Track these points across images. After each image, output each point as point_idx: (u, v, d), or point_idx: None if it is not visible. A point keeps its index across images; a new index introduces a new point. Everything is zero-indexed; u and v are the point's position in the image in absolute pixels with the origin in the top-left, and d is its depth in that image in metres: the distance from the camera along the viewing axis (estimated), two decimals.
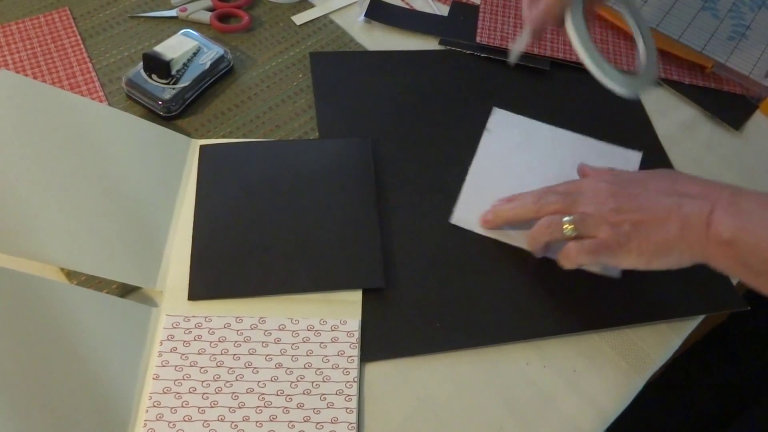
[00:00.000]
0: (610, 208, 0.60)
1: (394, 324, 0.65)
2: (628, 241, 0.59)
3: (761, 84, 0.88)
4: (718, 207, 0.56)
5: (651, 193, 0.60)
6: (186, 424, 0.57)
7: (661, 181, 0.61)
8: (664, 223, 0.58)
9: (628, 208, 0.60)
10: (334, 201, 0.71)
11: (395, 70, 0.86)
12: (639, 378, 0.65)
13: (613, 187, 0.62)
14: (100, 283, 0.65)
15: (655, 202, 0.59)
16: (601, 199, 0.61)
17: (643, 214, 0.59)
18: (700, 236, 0.56)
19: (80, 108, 0.72)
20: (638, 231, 0.59)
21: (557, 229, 0.63)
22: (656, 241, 0.58)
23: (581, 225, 0.62)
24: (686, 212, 0.57)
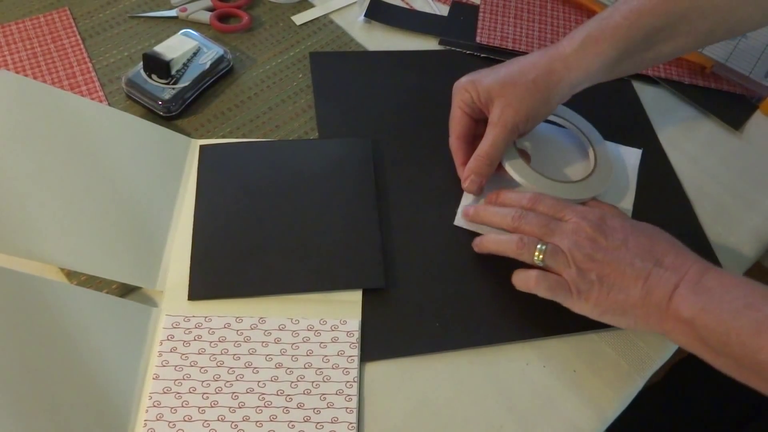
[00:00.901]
0: (585, 252, 0.60)
1: (394, 324, 0.65)
2: (589, 290, 0.60)
3: (761, 84, 0.88)
4: (683, 283, 0.56)
5: (629, 250, 0.60)
6: (186, 424, 0.57)
7: (643, 239, 0.61)
8: (629, 286, 0.58)
9: (601, 258, 0.60)
10: (334, 201, 0.71)
11: (395, 70, 0.86)
12: (639, 378, 0.64)
13: (595, 232, 0.61)
14: (100, 283, 0.65)
15: (629, 261, 0.59)
16: (579, 240, 0.61)
17: (612, 270, 0.59)
18: (661, 309, 0.57)
19: (80, 108, 0.72)
20: (602, 284, 0.59)
21: (528, 252, 0.63)
22: (616, 300, 0.59)
23: (551, 258, 0.62)
24: (653, 282, 0.58)
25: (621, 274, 0.59)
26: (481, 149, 0.71)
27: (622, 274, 0.59)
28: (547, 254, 0.62)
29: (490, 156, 0.70)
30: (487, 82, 0.70)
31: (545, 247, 0.62)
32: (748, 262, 0.74)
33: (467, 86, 0.72)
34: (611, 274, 0.59)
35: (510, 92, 0.69)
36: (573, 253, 0.61)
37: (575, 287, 0.60)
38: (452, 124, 0.74)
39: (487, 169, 0.71)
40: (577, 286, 0.60)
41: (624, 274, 0.59)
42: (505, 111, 0.69)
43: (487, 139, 0.70)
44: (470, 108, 0.72)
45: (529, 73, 0.69)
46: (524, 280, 0.64)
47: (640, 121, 0.85)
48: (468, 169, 0.71)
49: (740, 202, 0.78)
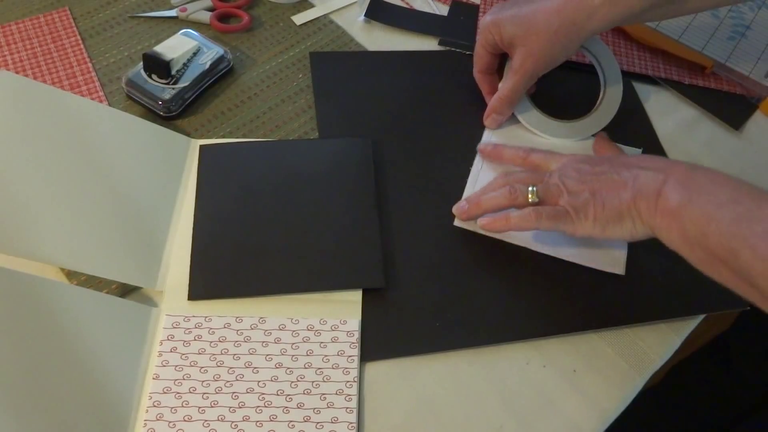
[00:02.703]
0: (573, 177, 0.63)
1: (394, 324, 0.65)
2: (586, 208, 0.62)
3: (761, 84, 0.88)
4: (670, 179, 0.57)
5: (614, 166, 0.62)
6: (186, 424, 0.57)
7: (628, 158, 0.64)
8: (619, 191, 0.60)
9: (590, 179, 0.62)
10: (334, 200, 0.71)
11: (395, 70, 0.86)
12: (639, 378, 0.64)
13: (580, 163, 0.65)
14: (100, 283, 0.65)
15: (616, 172, 0.61)
16: (566, 171, 0.64)
17: (601, 183, 0.61)
18: (650, 205, 0.58)
19: (80, 108, 0.72)
20: (595, 198, 0.61)
21: (521, 195, 0.65)
22: (611, 207, 0.60)
23: (544, 191, 0.65)
24: (641, 182, 0.59)
25: (611, 183, 0.61)
26: (502, 92, 0.77)
27: (612, 183, 0.61)
28: (540, 189, 0.65)
29: (510, 99, 0.77)
30: (510, 29, 0.73)
31: (537, 187, 0.65)
32: None
33: (491, 28, 0.75)
34: (602, 188, 0.61)
35: (532, 41, 0.72)
36: (564, 182, 0.63)
37: (573, 209, 0.62)
38: (476, 60, 0.80)
39: (507, 110, 0.78)
40: (574, 207, 0.62)
41: (614, 182, 0.61)
42: (526, 60, 0.73)
43: (507, 84, 0.76)
44: (493, 47, 0.76)
45: (553, 22, 0.70)
46: (523, 218, 0.65)
47: (640, 121, 0.85)
48: (489, 108, 0.79)
49: None
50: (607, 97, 0.80)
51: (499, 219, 0.67)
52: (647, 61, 0.90)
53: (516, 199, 0.65)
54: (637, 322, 0.67)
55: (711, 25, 0.92)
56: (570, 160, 0.67)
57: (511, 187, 0.66)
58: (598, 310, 0.67)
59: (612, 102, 0.80)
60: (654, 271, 0.70)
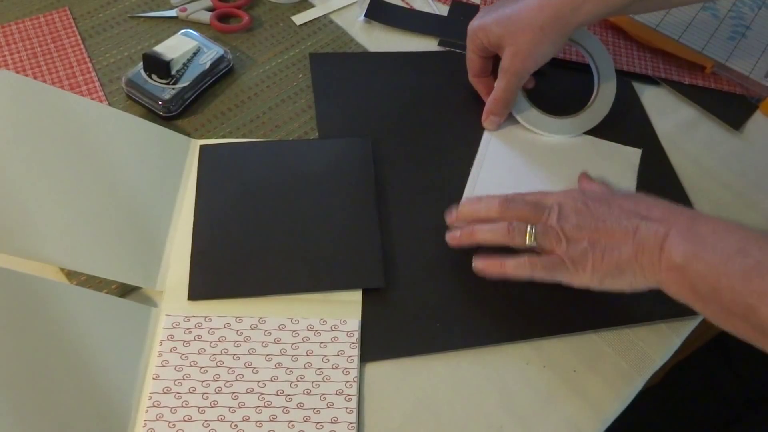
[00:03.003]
0: (573, 224, 0.61)
1: (394, 324, 0.65)
2: (584, 259, 0.60)
3: (761, 84, 0.88)
4: (673, 231, 0.56)
5: (614, 213, 0.60)
6: (186, 424, 0.57)
7: (625, 202, 0.61)
8: (620, 244, 0.58)
9: (589, 226, 0.60)
10: (333, 200, 0.71)
11: (395, 70, 0.86)
12: (639, 378, 0.65)
13: (579, 204, 0.62)
14: (100, 283, 0.65)
15: (616, 222, 0.59)
16: (565, 214, 0.62)
17: (601, 234, 0.60)
18: (653, 260, 0.57)
19: (80, 108, 0.72)
20: (594, 249, 0.59)
21: (519, 235, 0.63)
22: (610, 261, 0.59)
23: (542, 237, 0.62)
24: (642, 235, 0.57)
25: (611, 234, 0.59)
26: (496, 94, 0.77)
27: (611, 235, 0.59)
28: (539, 233, 0.62)
29: (504, 99, 0.77)
30: (497, 30, 0.73)
31: (535, 228, 0.62)
32: None
33: (478, 32, 0.75)
34: (601, 238, 0.59)
35: (519, 40, 0.72)
36: (562, 226, 0.61)
37: (570, 260, 0.60)
38: (469, 65, 0.81)
39: (504, 110, 0.79)
40: (571, 258, 0.60)
41: (613, 233, 0.59)
42: (514, 60, 0.73)
43: (500, 85, 0.76)
44: (482, 51, 0.77)
45: (537, 18, 0.71)
46: (519, 266, 0.63)
47: (640, 121, 0.85)
48: (486, 111, 0.79)
49: (740, 202, 0.78)
50: (602, 92, 0.81)
51: (494, 264, 0.65)
52: (647, 60, 0.90)
53: (513, 239, 0.63)
54: (638, 322, 0.67)
55: (711, 25, 0.92)
56: (567, 198, 0.64)
57: (510, 225, 0.63)
58: (598, 310, 0.67)
59: (607, 96, 0.81)
60: None
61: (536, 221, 0.63)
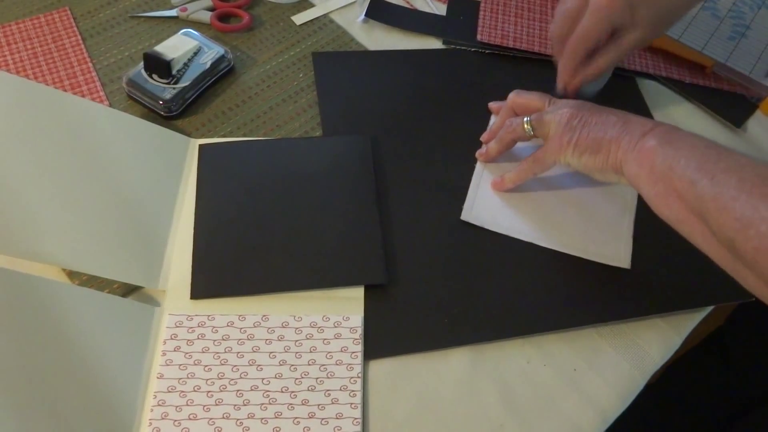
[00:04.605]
0: (571, 106, 0.68)
1: (396, 320, 0.65)
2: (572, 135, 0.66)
3: (761, 84, 0.88)
4: (658, 128, 0.61)
5: (610, 110, 0.66)
6: (191, 423, 0.57)
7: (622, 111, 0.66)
8: (607, 127, 0.64)
9: (585, 113, 0.66)
10: (334, 198, 0.71)
11: (398, 68, 0.87)
12: (640, 378, 0.65)
13: (579, 105, 0.68)
14: (102, 283, 0.65)
15: (609, 113, 0.65)
16: (563, 108, 0.68)
17: (594, 117, 0.65)
18: (631, 143, 0.61)
19: (80, 109, 0.72)
20: (583, 127, 0.65)
21: (518, 127, 0.71)
22: (594, 137, 0.64)
23: (538, 123, 0.69)
24: (630, 125, 0.63)
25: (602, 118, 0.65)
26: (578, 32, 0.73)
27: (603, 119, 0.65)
28: (534, 120, 0.70)
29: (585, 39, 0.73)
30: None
31: (531, 117, 0.70)
32: None
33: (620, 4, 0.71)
34: (593, 119, 0.65)
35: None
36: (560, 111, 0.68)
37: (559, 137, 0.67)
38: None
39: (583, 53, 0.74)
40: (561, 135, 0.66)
41: (605, 119, 0.65)
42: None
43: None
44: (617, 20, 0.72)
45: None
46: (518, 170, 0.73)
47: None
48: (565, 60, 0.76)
49: None
50: None
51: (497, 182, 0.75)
52: (648, 59, 0.90)
53: (514, 131, 0.72)
54: (637, 316, 0.67)
55: (711, 25, 0.93)
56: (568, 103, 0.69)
57: (510, 123, 0.72)
58: (601, 305, 0.67)
59: None
60: (657, 265, 0.70)
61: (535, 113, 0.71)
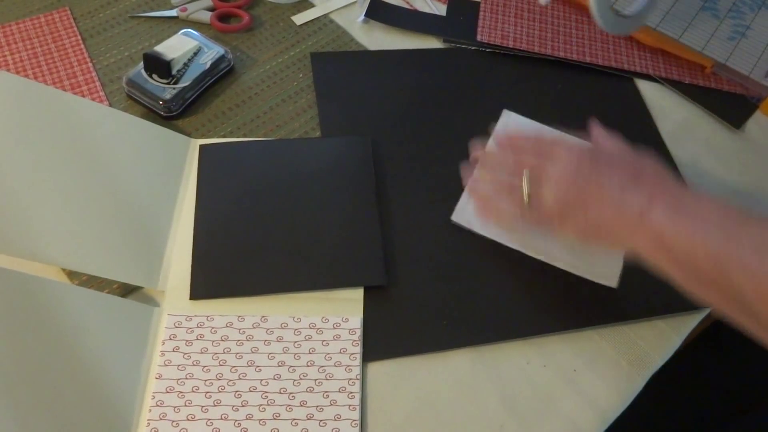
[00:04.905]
0: (569, 181, 0.61)
1: (395, 322, 0.65)
2: (568, 214, 0.61)
3: (761, 84, 0.88)
4: (657, 199, 0.56)
5: (614, 177, 0.60)
6: (189, 423, 0.57)
7: (626, 164, 0.61)
8: (604, 203, 0.58)
9: (583, 187, 0.60)
10: (334, 199, 0.71)
11: (397, 68, 0.86)
12: (639, 378, 0.65)
13: (581, 162, 0.62)
14: (102, 283, 0.65)
15: (610, 185, 0.59)
16: (567, 169, 0.62)
17: (591, 195, 0.59)
18: (634, 224, 0.56)
19: (80, 109, 0.72)
20: (580, 204, 0.60)
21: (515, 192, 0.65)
22: (594, 218, 0.59)
23: (534, 179, 0.63)
24: (628, 198, 0.57)
25: (599, 189, 0.59)
26: None
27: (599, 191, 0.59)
28: (532, 175, 0.63)
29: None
30: None
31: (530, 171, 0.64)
32: None
33: None
34: (588, 193, 0.60)
35: None
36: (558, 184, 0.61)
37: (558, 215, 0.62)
38: None
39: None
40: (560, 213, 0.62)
41: (602, 189, 0.59)
42: None
43: None
44: None
45: None
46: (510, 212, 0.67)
47: (643, 119, 0.85)
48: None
49: (740, 201, 0.78)
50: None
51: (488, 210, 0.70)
52: (648, 60, 0.90)
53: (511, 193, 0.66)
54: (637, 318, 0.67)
55: (711, 25, 0.93)
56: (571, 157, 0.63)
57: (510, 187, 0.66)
58: (600, 307, 0.67)
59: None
60: None
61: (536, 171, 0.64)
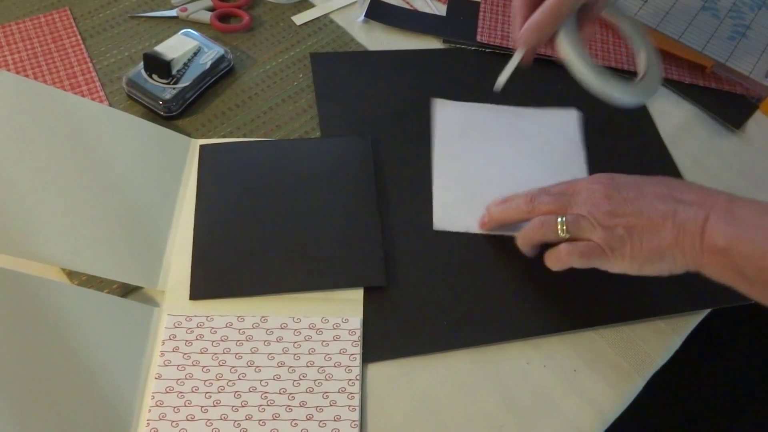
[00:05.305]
0: (605, 210, 0.59)
1: (395, 323, 0.65)
2: (622, 246, 0.59)
3: (761, 84, 0.88)
4: (713, 214, 0.55)
5: (647, 197, 0.59)
6: (189, 423, 0.57)
7: (657, 186, 0.60)
8: (658, 229, 0.57)
9: (623, 211, 0.59)
10: (334, 199, 0.71)
11: (397, 68, 0.86)
12: (639, 378, 0.65)
13: (609, 189, 0.61)
14: (101, 283, 0.65)
15: (651, 207, 0.58)
16: (596, 201, 0.60)
17: (637, 219, 0.58)
18: (695, 244, 0.56)
19: (80, 108, 0.72)
20: (632, 236, 0.58)
21: (550, 229, 0.62)
22: (650, 247, 0.58)
23: (574, 227, 0.61)
24: (681, 219, 0.56)
25: (647, 220, 0.58)
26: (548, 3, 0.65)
27: (648, 221, 0.57)
28: (570, 223, 0.61)
29: (556, 10, 0.64)
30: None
31: (565, 218, 0.61)
32: None
33: None
34: (637, 224, 0.58)
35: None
36: (594, 215, 0.60)
37: (607, 246, 0.59)
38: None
39: (549, 24, 0.65)
40: (609, 244, 0.59)
41: (650, 219, 0.57)
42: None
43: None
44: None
45: None
46: (556, 257, 0.63)
47: (643, 120, 0.85)
48: (529, 21, 0.66)
49: None
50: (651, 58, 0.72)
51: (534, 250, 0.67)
52: None
53: (545, 234, 0.63)
54: (638, 319, 0.67)
55: (711, 25, 0.93)
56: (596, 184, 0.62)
57: (540, 221, 0.63)
58: (600, 307, 0.67)
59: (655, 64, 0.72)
60: None
61: (564, 212, 0.62)
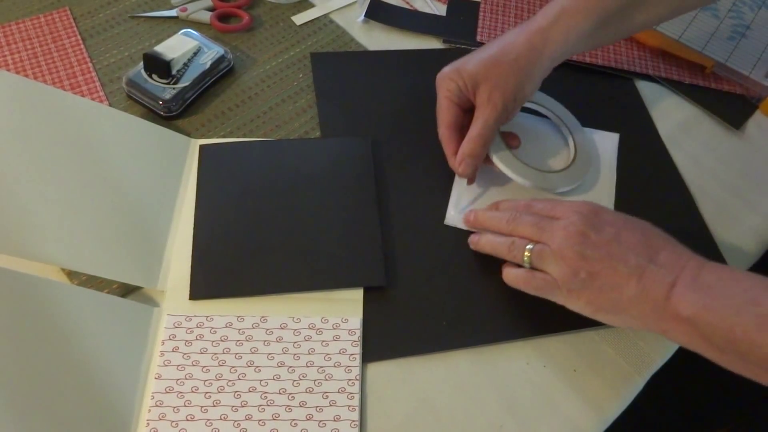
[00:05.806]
0: (575, 250, 0.58)
1: (395, 322, 0.65)
2: (580, 289, 0.59)
3: (761, 84, 0.88)
4: (680, 281, 0.55)
5: (621, 246, 0.58)
6: (189, 423, 0.57)
7: (636, 236, 0.59)
8: (621, 285, 0.57)
9: (592, 255, 0.58)
10: (334, 199, 0.71)
11: (397, 68, 0.86)
12: (639, 378, 0.65)
13: (586, 226, 0.59)
14: (101, 283, 0.65)
15: (622, 258, 0.57)
16: (569, 235, 0.59)
17: (603, 268, 0.57)
18: (658, 308, 0.55)
19: (80, 108, 0.72)
20: (593, 282, 0.58)
21: (517, 256, 0.63)
22: (609, 298, 0.58)
23: (538, 259, 0.61)
24: (647, 281, 0.56)
25: (613, 271, 0.57)
26: (474, 131, 0.71)
27: (614, 272, 0.57)
28: (534, 255, 0.61)
29: (483, 137, 0.70)
30: (471, 68, 0.70)
31: (533, 249, 0.61)
32: (748, 262, 0.74)
33: (452, 75, 0.72)
34: (602, 272, 0.57)
35: (495, 74, 0.70)
36: (563, 251, 0.59)
37: (565, 286, 0.59)
38: (440, 115, 0.74)
39: (481, 151, 0.71)
40: (567, 285, 0.59)
41: (616, 271, 0.57)
42: (493, 93, 0.70)
43: (478, 121, 0.71)
44: (457, 97, 0.72)
45: (510, 52, 0.70)
46: (513, 277, 0.64)
47: (643, 120, 0.85)
48: (461, 152, 0.71)
49: (740, 201, 0.78)
50: (578, 144, 0.78)
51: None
52: (647, 60, 0.90)
53: (513, 257, 0.64)
54: None
55: (711, 25, 0.93)
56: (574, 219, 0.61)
57: (512, 243, 0.64)
58: None
59: (584, 147, 0.78)
60: None
61: (537, 238, 0.62)
